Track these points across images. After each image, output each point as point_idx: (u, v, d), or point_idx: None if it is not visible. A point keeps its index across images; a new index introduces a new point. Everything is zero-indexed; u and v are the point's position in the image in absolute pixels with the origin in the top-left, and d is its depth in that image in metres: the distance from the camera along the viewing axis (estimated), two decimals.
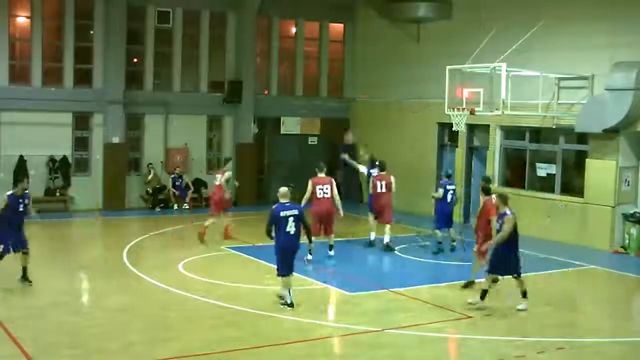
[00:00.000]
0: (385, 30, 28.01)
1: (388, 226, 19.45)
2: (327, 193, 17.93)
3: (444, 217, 19.27)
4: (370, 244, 19.73)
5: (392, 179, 19.67)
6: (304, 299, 14.57)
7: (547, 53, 21.59)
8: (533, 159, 23.11)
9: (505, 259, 13.91)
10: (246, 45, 27.75)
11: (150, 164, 26.17)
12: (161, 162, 26.53)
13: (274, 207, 13.74)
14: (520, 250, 14.42)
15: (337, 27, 30.43)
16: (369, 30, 29.14)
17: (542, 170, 22.81)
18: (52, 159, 24.90)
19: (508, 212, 13.88)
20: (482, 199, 15.26)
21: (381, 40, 28.41)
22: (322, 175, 18.21)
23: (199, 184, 26.88)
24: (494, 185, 23.72)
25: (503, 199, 14.10)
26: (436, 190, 19.68)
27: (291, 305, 13.60)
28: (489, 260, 14.06)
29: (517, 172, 23.69)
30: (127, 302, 14.11)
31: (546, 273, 17.76)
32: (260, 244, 18.11)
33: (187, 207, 25.76)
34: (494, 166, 23.92)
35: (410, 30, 26.95)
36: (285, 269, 13.76)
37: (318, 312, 14.16)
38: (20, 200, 14.97)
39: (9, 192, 15.12)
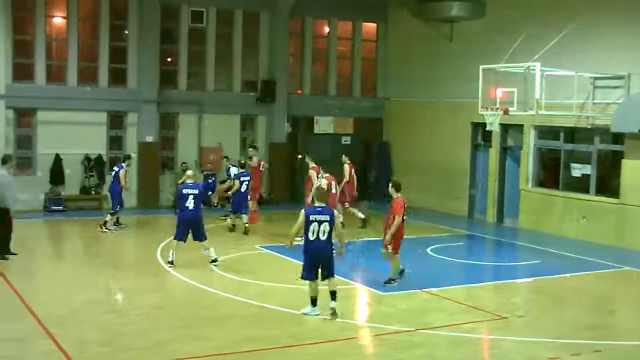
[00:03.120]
0: (418, 30, 27.92)
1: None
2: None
3: None
4: None
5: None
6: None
7: (581, 52, 21.39)
8: (567, 159, 22.90)
9: None
10: (279, 45, 27.82)
11: (184, 162, 26.27)
12: (195, 161, 26.66)
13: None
14: (557, 251, 14.33)
15: (370, 27, 30.38)
16: (402, 29, 29.07)
17: (577, 170, 22.59)
18: (87, 158, 25.12)
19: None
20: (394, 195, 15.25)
21: (414, 39, 28.33)
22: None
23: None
24: (528, 185, 23.68)
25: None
26: None
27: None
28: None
29: (551, 172, 23.50)
30: (159, 300, 14.21)
31: (581, 274, 17.59)
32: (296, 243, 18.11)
33: (215, 204, 25.56)
34: (528, 166, 23.75)
35: (443, 29, 26.85)
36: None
37: (350, 311, 14.18)
38: None
39: None
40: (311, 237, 12.81)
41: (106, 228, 20.96)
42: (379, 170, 29.18)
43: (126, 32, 25.94)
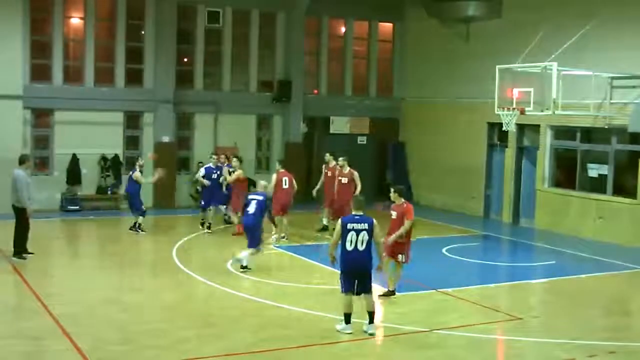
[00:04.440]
0: (435, 30, 27.86)
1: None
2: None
3: None
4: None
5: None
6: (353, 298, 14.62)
7: (599, 52, 21.27)
8: (584, 159, 22.80)
9: None
10: (295, 45, 27.85)
11: (200, 162, 26.35)
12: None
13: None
14: (573, 252, 14.26)
15: (386, 27, 30.36)
16: (418, 29, 29.01)
17: (594, 170, 22.48)
18: (103, 158, 25.24)
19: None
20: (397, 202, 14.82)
21: (430, 39, 28.27)
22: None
23: (248, 183, 26.94)
24: (544, 185, 23.59)
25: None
26: None
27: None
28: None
29: (567, 172, 23.39)
30: (176, 300, 14.26)
31: (597, 275, 17.51)
32: (309, 243, 18.17)
33: None
34: (544, 166, 23.66)
35: (460, 29, 26.78)
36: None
37: (365, 311, 14.18)
38: None
39: None
40: (349, 248, 12.16)
41: (141, 230, 20.92)
42: (394, 170, 29.16)
43: (143, 32, 26.04)
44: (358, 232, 12.12)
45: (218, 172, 21.36)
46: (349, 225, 12.17)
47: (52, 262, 17.92)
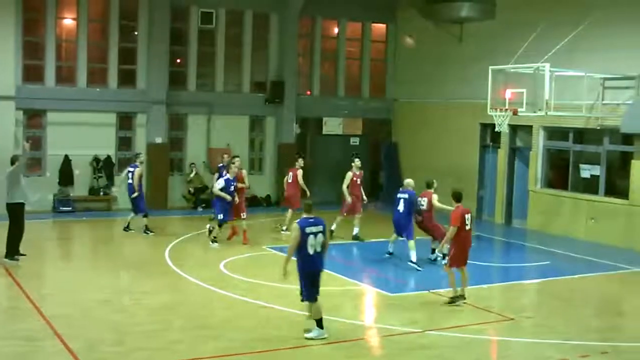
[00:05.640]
0: (428, 31, 27.89)
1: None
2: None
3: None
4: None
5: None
6: (345, 299, 14.63)
7: (591, 53, 21.33)
8: (577, 160, 22.85)
9: None
10: (288, 46, 27.85)
11: (193, 163, 26.36)
12: (203, 162, 26.72)
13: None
14: (565, 252, 14.30)
15: (379, 28, 30.40)
16: (411, 30, 29.02)
17: (586, 171, 22.54)
18: (96, 159, 25.19)
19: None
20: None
21: (423, 40, 28.29)
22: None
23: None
24: (537, 186, 23.64)
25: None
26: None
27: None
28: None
29: (560, 173, 23.44)
30: (169, 301, 14.23)
31: (590, 276, 17.55)
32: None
33: None
34: (537, 167, 23.71)
35: (453, 30, 26.82)
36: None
37: (358, 312, 14.20)
38: None
39: None
40: (310, 252, 11.77)
41: (148, 230, 20.88)
42: (387, 171, 29.19)
43: (136, 33, 25.99)
44: (315, 234, 11.84)
45: (235, 184, 19.51)
46: (307, 229, 11.80)
47: (45, 263, 17.88)
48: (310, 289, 11.89)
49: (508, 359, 11.85)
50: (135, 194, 20.72)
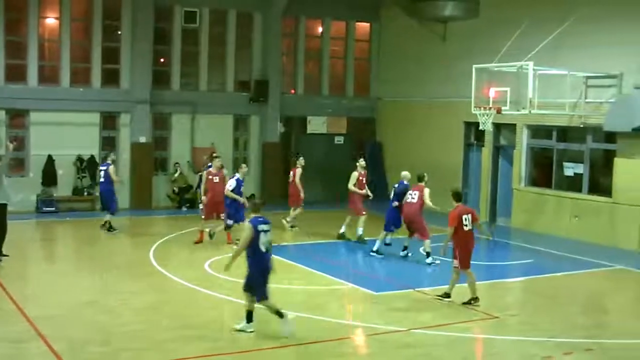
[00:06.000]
0: (412, 30, 27.94)
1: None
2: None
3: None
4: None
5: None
6: (331, 298, 14.64)
7: (574, 51, 21.44)
8: (560, 158, 22.96)
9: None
10: (272, 45, 27.82)
11: (177, 163, 26.29)
12: (187, 161, 26.66)
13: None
14: (549, 250, 14.33)
15: (363, 27, 30.42)
16: (395, 29, 29.09)
17: (570, 169, 22.65)
18: (79, 159, 25.08)
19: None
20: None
21: (407, 39, 28.35)
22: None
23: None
24: (521, 184, 23.72)
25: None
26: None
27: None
28: None
29: (543, 171, 23.55)
30: (154, 301, 14.19)
31: (574, 273, 17.64)
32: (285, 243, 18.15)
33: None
34: (521, 165, 23.80)
35: (437, 29, 26.88)
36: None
37: (344, 311, 14.20)
38: None
39: None
40: (263, 249, 11.81)
41: (112, 228, 20.84)
42: (372, 170, 29.17)
43: (119, 32, 25.89)
44: (266, 233, 11.91)
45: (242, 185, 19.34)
46: (260, 227, 11.84)
47: (28, 264, 17.76)
48: (263, 287, 11.92)
49: (493, 357, 11.87)
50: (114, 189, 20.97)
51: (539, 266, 18.22)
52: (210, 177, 19.66)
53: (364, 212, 20.31)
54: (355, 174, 20.37)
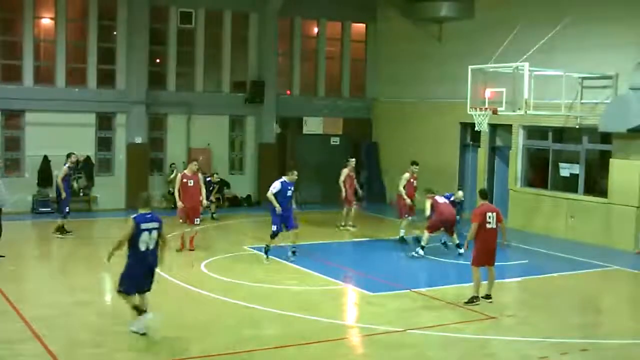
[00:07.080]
0: (407, 30, 27.95)
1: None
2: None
3: None
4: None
5: None
6: (326, 299, 14.62)
7: (570, 52, 21.45)
8: (556, 159, 22.98)
9: None
10: (268, 46, 27.82)
11: (173, 164, 26.26)
12: (183, 162, 26.58)
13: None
14: (545, 251, 14.35)
15: (359, 27, 30.41)
16: (391, 30, 29.10)
17: (565, 170, 22.67)
18: (76, 160, 24.98)
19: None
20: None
21: (403, 40, 28.36)
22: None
23: (222, 184, 26.88)
24: (517, 185, 23.74)
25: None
26: None
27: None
28: None
29: (539, 172, 23.57)
30: (150, 302, 14.13)
31: (569, 274, 17.66)
32: (282, 244, 18.13)
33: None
34: (516, 166, 23.81)
35: (432, 29, 26.89)
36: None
37: (340, 312, 14.20)
38: None
39: None
40: (142, 248, 11.68)
41: (66, 232, 20.54)
42: (368, 171, 29.22)
43: (115, 33, 25.87)
44: (150, 231, 11.75)
45: (291, 188, 17.75)
46: (143, 225, 11.69)
47: (24, 264, 17.72)
48: (132, 282, 11.77)
49: (490, 357, 11.87)
50: (62, 195, 20.43)
51: (535, 267, 18.22)
52: (184, 180, 18.78)
53: (405, 215, 20.56)
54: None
